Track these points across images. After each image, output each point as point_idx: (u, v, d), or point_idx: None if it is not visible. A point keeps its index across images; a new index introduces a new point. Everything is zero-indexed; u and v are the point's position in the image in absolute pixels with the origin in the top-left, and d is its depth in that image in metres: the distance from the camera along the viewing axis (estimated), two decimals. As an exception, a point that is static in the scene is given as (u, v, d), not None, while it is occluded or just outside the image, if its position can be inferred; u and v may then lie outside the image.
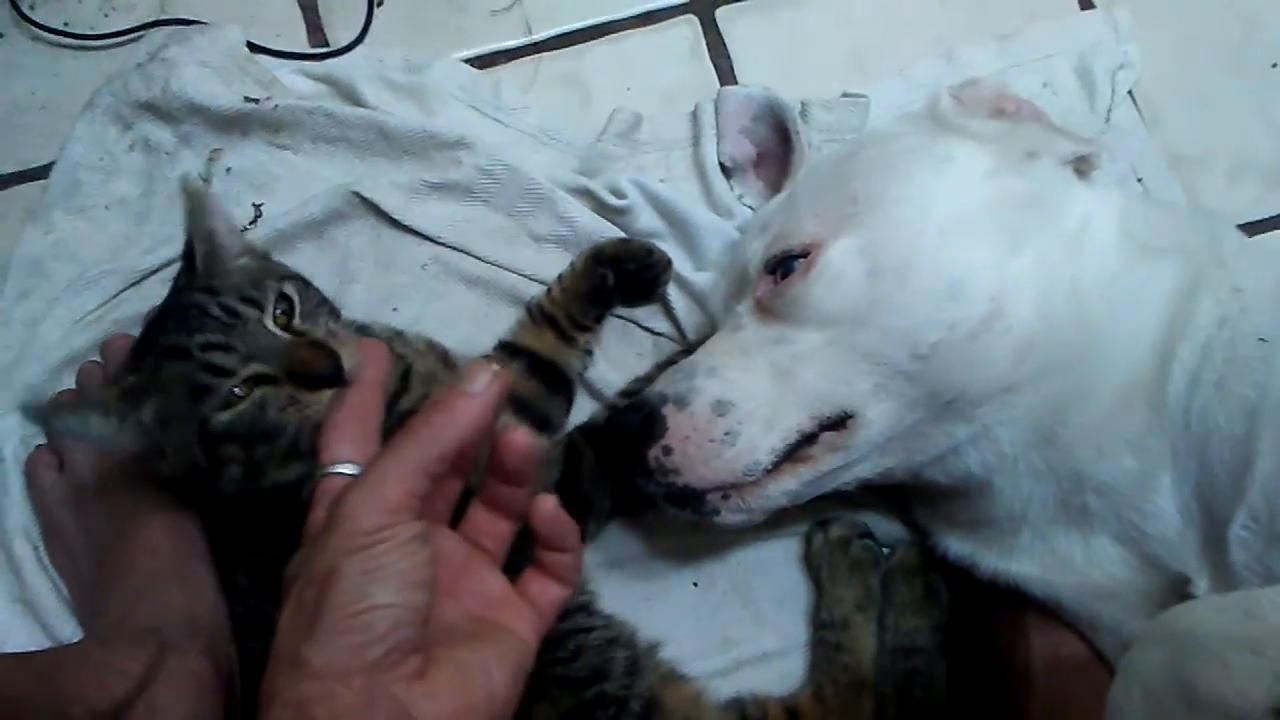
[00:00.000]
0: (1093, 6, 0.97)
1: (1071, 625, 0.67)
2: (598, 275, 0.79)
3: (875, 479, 0.68)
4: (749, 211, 0.85)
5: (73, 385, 0.78)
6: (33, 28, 0.92)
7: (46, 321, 0.82)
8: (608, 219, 0.83)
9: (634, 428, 0.67)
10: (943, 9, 0.97)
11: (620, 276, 0.80)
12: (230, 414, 0.60)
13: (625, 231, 0.83)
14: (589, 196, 0.84)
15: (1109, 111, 0.92)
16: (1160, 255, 0.63)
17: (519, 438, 0.53)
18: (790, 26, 0.96)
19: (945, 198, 0.63)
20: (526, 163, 0.85)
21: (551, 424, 0.78)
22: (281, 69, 0.91)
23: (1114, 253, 0.63)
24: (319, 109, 0.86)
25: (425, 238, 0.84)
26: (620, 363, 0.82)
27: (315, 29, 0.95)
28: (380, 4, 0.95)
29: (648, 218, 0.84)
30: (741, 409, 0.64)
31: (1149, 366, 0.60)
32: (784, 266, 0.65)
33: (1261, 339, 0.58)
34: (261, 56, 0.91)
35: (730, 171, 0.88)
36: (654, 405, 0.67)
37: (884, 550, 0.78)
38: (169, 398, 0.61)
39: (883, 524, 0.79)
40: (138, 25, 0.92)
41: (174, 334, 0.63)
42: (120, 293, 0.82)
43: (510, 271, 0.84)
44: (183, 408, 0.61)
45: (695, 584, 0.78)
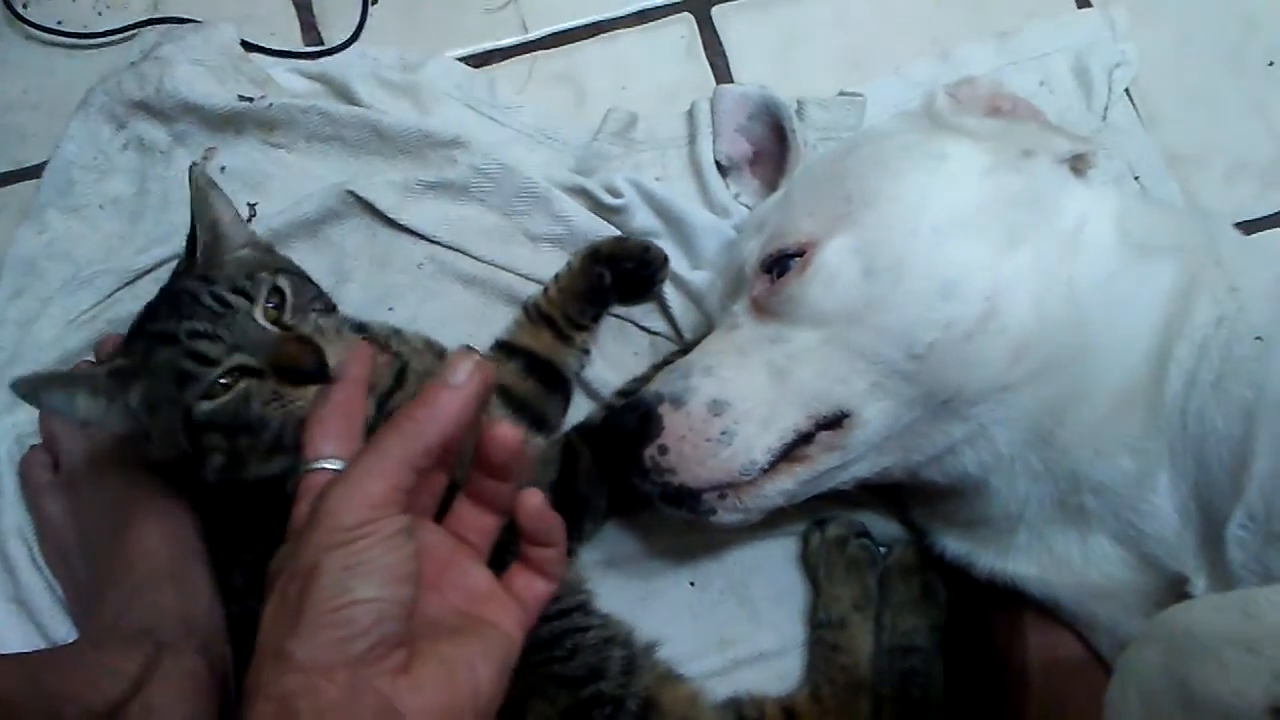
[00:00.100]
0: (1090, 5, 0.97)
1: (1069, 625, 0.67)
2: (594, 274, 0.79)
3: (872, 478, 0.68)
4: (745, 210, 0.85)
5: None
6: (26, 26, 0.92)
7: (40, 321, 0.82)
8: (604, 218, 0.83)
9: (630, 427, 0.67)
10: (939, 7, 0.97)
11: (617, 275, 0.79)
12: (213, 404, 0.61)
13: (621, 230, 0.83)
14: (585, 195, 0.84)
15: (1106, 110, 0.92)
16: (1157, 254, 0.63)
17: (505, 431, 0.52)
18: (786, 25, 0.96)
19: (940, 196, 0.63)
20: (522, 162, 0.85)
21: (548, 423, 0.77)
22: (276, 67, 0.91)
23: (1111, 252, 0.63)
24: (313, 108, 0.86)
25: (420, 237, 0.83)
26: (617, 362, 0.82)
27: (310, 27, 0.94)
28: (375, 2, 0.95)
29: (644, 217, 0.83)
30: (738, 408, 0.64)
31: (1146, 366, 0.60)
32: (780, 265, 0.65)
33: (1258, 338, 0.57)
34: (256, 55, 0.91)
35: (726, 170, 0.88)
36: (650, 405, 0.66)
37: (881, 550, 0.78)
38: (156, 382, 0.62)
39: (880, 523, 0.78)
40: (131, 24, 0.92)
41: (165, 319, 0.63)
42: (114, 292, 0.82)
43: (506, 271, 0.83)
44: (169, 393, 0.61)
45: (692, 583, 0.78)
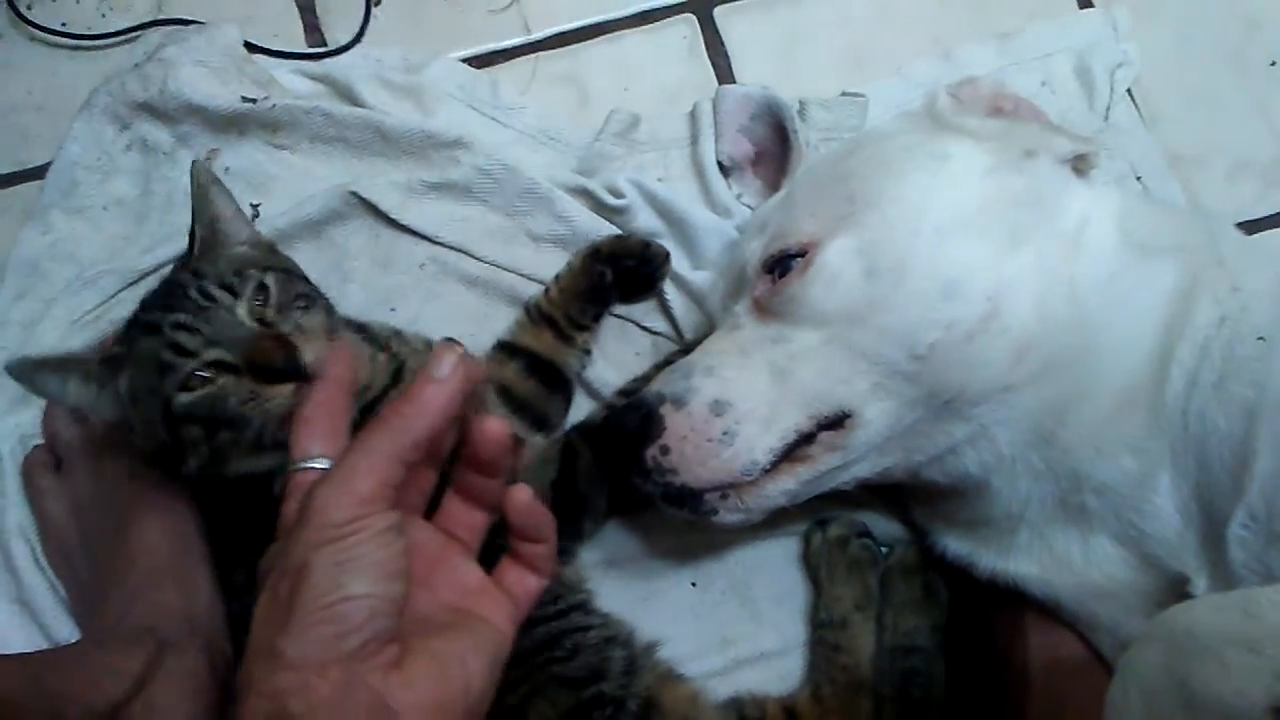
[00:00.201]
0: (1091, 5, 0.97)
1: (1070, 625, 0.67)
2: (596, 273, 0.79)
3: (874, 479, 0.68)
4: (747, 211, 0.85)
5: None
6: (30, 28, 0.92)
7: (44, 322, 0.82)
8: (606, 218, 0.83)
9: (631, 427, 0.67)
10: (941, 7, 0.97)
11: (618, 273, 0.79)
12: (191, 396, 0.61)
13: (623, 231, 0.83)
14: (587, 196, 0.84)
15: (1108, 110, 0.92)
16: (1159, 254, 0.63)
17: (494, 426, 0.52)
18: (788, 25, 0.96)
19: (942, 196, 0.63)
20: (524, 162, 0.85)
21: (550, 423, 0.77)
22: (279, 69, 0.91)
23: (1112, 252, 0.63)
24: (316, 109, 0.86)
25: (423, 237, 0.84)
26: (618, 362, 0.82)
27: (313, 28, 0.95)
28: (378, 3, 0.95)
29: (646, 217, 0.83)
30: (739, 409, 0.64)
31: (1148, 367, 0.60)
32: (782, 266, 0.65)
33: (1260, 338, 0.57)
34: (259, 56, 0.91)
35: (728, 170, 0.88)
36: (652, 405, 0.66)
37: (883, 550, 0.78)
38: (140, 371, 0.63)
39: (881, 523, 0.78)
40: (135, 25, 0.92)
41: (153, 310, 0.65)
42: (118, 293, 0.82)
43: (508, 271, 0.83)
44: (151, 383, 0.62)
45: (693, 584, 0.78)
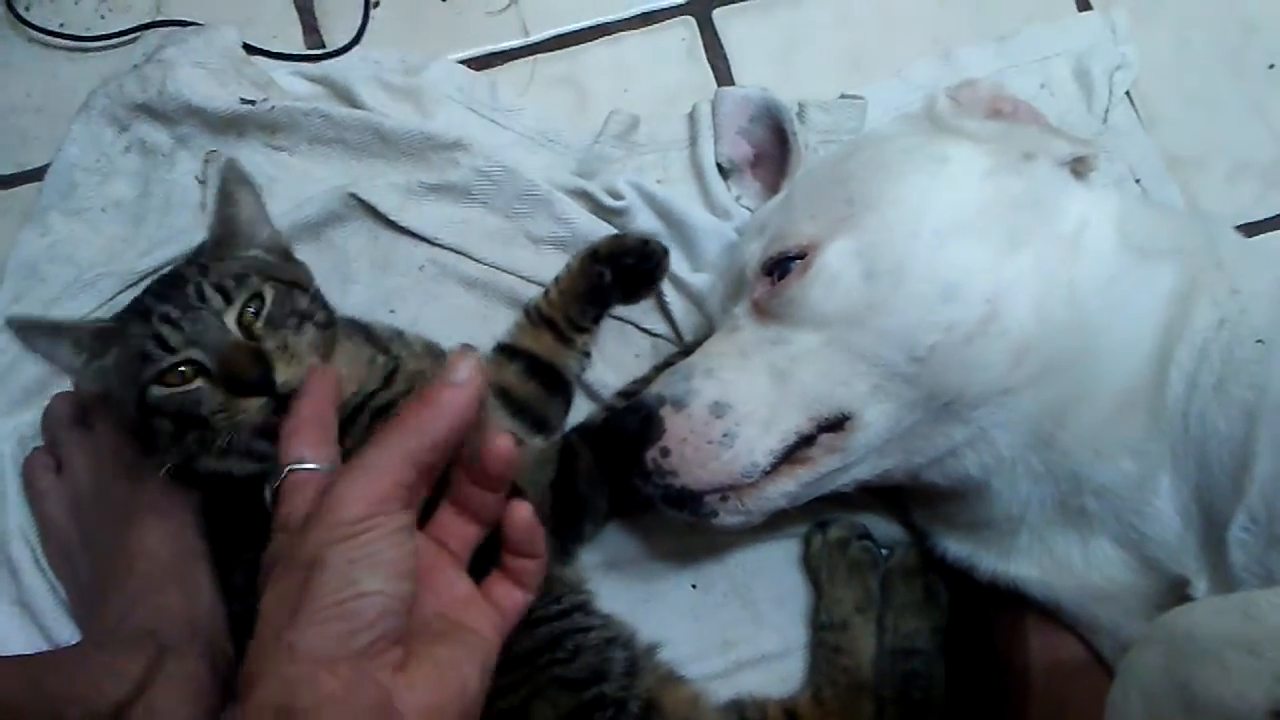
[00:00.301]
0: (1090, 7, 0.97)
1: (1071, 627, 0.67)
2: (595, 273, 0.79)
3: (874, 481, 0.68)
4: (746, 213, 0.85)
5: (68, 389, 0.77)
6: (28, 29, 0.92)
7: (43, 324, 0.82)
8: (605, 220, 0.83)
9: (631, 429, 0.67)
10: (940, 9, 0.97)
11: (617, 272, 0.79)
12: (165, 391, 0.62)
13: (622, 233, 0.83)
14: (586, 198, 0.84)
15: (1106, 112, 0.92)
16: (1158, 257, 0.63)
17: (504, 444, 0.53)
18: (787, 27, 0.96)
19: (941, 199, 0.63)
20: (524, 164, 0.85)
21: (550, 425, 0.77)
22: (278, 70, 0.91)
23: (1111, 255, 0.63)
24: (315, 110, 0.85)
25: (422, 239, 0.83)
26: (618, 364, 0.82)
27: (311, 30, 0.94)
28: (376, 5, 0.95)
29: (645, 219, 0.83)
30: (739, 410, 0.64)
31: (1147, 369, 0.60)
32: (781, 268, 0.65)
33: (1260, 340, 0.57)
34: (258, 58, 0.91)
35: (727, 172, 0.88)
36: (651, 407, 0.66)
37: (883, 552, 0.77)
38: (126, 353, 0.63)
39: (882, 525, 0.78)
40: (134, 26, 0.92)
41: (150, 295, 0.65)
42: (116, 295, 0.82)
43: (508, 273, 0.83)
44: (133, 367, 0.63)
45: (694, 586, 0.78)
